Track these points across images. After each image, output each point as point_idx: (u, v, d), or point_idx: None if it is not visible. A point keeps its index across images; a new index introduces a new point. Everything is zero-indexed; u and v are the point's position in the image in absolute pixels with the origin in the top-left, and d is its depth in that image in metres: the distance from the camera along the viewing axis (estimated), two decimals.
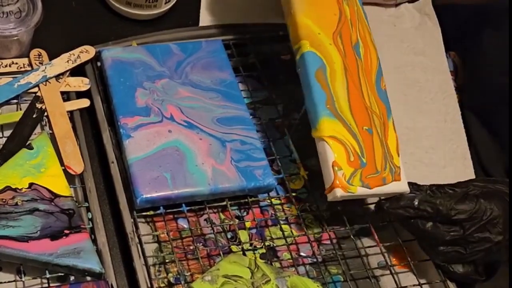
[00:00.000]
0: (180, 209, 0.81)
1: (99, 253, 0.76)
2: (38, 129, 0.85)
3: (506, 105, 0.93)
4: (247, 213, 0.85)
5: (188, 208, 0.81)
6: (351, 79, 0.83)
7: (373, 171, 0.80)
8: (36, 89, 0.86)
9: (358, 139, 0.81)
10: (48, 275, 0.75)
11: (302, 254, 0.84)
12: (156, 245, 0.82)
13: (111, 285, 0.74)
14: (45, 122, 0.85)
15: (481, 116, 1.00)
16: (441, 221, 0.80)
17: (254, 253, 0.83)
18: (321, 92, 0.81)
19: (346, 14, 0.87)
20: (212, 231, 0.82)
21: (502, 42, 0.97)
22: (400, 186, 0.82)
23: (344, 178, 0.79)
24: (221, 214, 0.85)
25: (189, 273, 0.80)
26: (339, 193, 0.78)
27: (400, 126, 0.86)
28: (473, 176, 0.95)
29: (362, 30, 0.87)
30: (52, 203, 0.77)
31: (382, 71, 0.86)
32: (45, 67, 0.87)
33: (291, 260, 0.82)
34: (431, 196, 0.81)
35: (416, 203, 0.80)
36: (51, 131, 0.84)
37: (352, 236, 0.83)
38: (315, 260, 0.84)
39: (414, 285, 0.81)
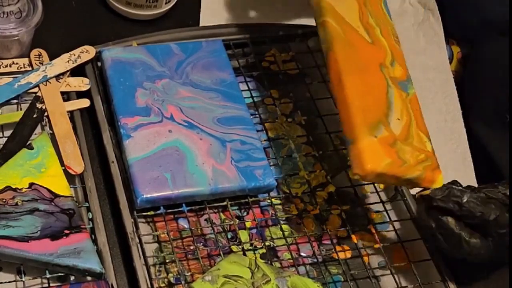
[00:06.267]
0: (180, 209, 0.81)
1: (99, 253, 0.76)
2: (38, 129, 0.85)
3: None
4: (248, 213, 0.85)
5: (189, 208, 0.81)
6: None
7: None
8: (36, 89, 0.86)
9: None
10: (48, 275, 0.75)
11: (302, 254, 0.84)
12: (156, 245, 0.82)
13: (111, 285, 0.75)
14: (45, 122, 0.85)
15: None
16: (477, 226, 0.76)
17: (255, 253, 0.83)
18: None
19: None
20: (212, 231, 0.82)
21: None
22: None
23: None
24: (221, 214, 0.85)
25: (189, 273, 0.80)
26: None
27: None
28: (473, 176, 0.95)
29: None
30: (52, 203, 0.77)
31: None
32: (45, 67, 0.87)
33: (291, 260, 0.82)
34: (485, 198, 0.75)
35: (465, 200, 0.75)
36: (51, 131, 0.84)
37: (352, 236, 0.83)
38: (315, 260, 0.84)
39: (414, 285, 0.81)
